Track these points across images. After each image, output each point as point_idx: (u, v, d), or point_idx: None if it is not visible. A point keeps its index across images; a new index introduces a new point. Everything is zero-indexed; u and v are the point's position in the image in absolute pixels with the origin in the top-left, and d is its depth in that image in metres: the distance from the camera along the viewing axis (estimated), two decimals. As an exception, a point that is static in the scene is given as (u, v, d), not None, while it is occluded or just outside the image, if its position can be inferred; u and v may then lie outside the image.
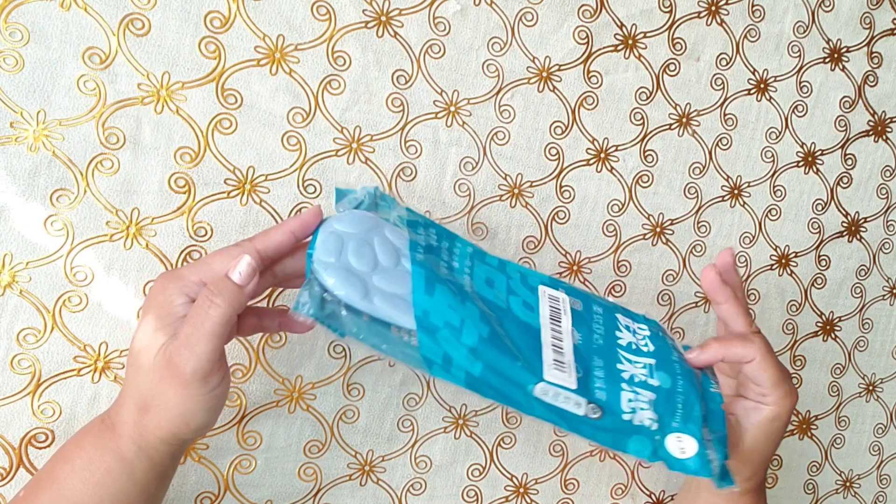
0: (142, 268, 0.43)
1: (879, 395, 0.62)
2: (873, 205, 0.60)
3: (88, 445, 0.35)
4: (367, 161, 0.46)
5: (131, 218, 0.42)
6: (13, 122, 0.40)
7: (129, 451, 0.35)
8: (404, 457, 0.50)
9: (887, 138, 0.59)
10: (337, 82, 0.45)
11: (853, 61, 0.57)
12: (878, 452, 0.63)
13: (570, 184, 0.51)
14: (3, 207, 0.40)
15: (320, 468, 0.48)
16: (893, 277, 0.61)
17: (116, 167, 0.42)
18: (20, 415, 0.41)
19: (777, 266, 0.57)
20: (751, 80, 0.55)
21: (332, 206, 0.46)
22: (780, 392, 0.41)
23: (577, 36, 0.50)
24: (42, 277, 0.41)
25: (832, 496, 0.62)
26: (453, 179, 0.49)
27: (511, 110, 0.49)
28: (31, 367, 0.41)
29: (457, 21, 0.47)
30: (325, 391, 0.47)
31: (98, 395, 0.42)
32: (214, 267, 0.35)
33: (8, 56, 0.40)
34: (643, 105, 0.52)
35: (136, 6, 0.41)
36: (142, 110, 0.42)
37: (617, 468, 0.55)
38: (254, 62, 0.44)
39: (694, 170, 0.54)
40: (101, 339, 0.42)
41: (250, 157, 0.44)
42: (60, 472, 0.35)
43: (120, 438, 0.35)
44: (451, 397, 0.50)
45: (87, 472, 0.34)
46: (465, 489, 0.52)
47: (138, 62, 0.42)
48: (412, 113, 0.47)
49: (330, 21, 0.45)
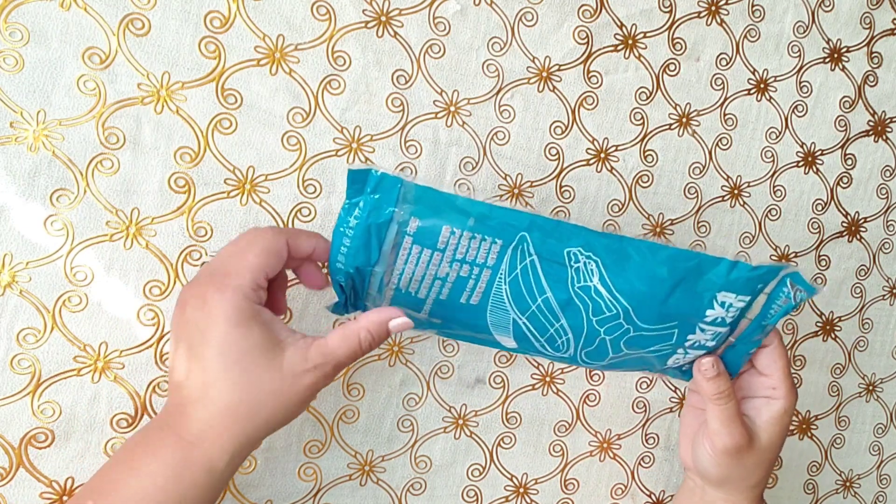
0: (142, 268, 0.43)
1: (879, 395, 0.62)
2: (873, 205, 0.60)
3: (170, 463, 0.34)
4: (367, 161, 0.46)
5: (131, 218, 0.42)
6: (13, 122, 0.40)
7: (222, 461, 0.34)
8: (404, 457, 0.50)
9: (887, 138, 0.59)
10: (337, 82, 0.45)
11: (853, 61, 0.57)
12: (878, 452, 0.63)
13: (570, 184, 0.51)
14: (3, 207, 0.40)
15: (320, 468, 0.48)
16: (893, 277, 0.61)
17: (116, 167, 0.42)
18: (20, 415, 0.41)
19: (777, 266, 0.58)
20: (751, 80, 0.55)
21: (332, 205, 0.46)
22: (789, 383, 0.42)
23: (577, 36, 0.50)
24: (42, 277, 0.41)
25: (832, 496, 0.62)
26: (453, 179, 0.49)
27: (511, 110, 0.49)
28: (31, 367, 0.41)
29: (457, 21, 0.47)
30: (325, 391, 0.47)
31: (98, 395, 0.42)
32: (264, 268, 0.35)
33: (8, 56, 0.40)
34: (643, 105, 0.52)
35: (136, 6, 0.41)
36: (142, 110, 0.42)
37: (617, 468, 0.55)
38: (254, 62, 0.44)
39: (694, 170, 0.54)
40: (101, 339, 0.42)
41: (250, 157, 0.44)
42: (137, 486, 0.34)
43: (211, 451, 0.34)
44: (452, 397, 0.50)
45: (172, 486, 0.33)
46: (465, 489, 0.52)
47: (138, 62, 0.42)
48: (412, 113, 0.47)
49: (330, 21, 0.45)
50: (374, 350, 0.39)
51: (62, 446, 0.42)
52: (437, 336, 0.49)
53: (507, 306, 0.40)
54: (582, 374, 0.53)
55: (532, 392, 0.52)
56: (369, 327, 0.37)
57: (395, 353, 0.49)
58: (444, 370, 0.50)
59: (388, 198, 0.36)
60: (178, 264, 0.43)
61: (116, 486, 0.34)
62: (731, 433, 0.42)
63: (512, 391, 0.52)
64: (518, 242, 0.38)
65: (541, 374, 0.52)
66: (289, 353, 0.35)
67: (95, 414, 0.42)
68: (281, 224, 0.45)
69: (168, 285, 0.43)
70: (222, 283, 0.34)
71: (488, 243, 0.37)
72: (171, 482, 0.33)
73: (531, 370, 0.52)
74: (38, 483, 0.42)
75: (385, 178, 0.35)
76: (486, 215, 0.37)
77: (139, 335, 0.43)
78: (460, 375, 0.50)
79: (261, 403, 0.34)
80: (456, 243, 0.37)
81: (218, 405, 0.34)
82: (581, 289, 0.39)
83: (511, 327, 0.41)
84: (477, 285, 0.39)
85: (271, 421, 0.35)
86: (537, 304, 0.39)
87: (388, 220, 0.36)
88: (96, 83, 0.41)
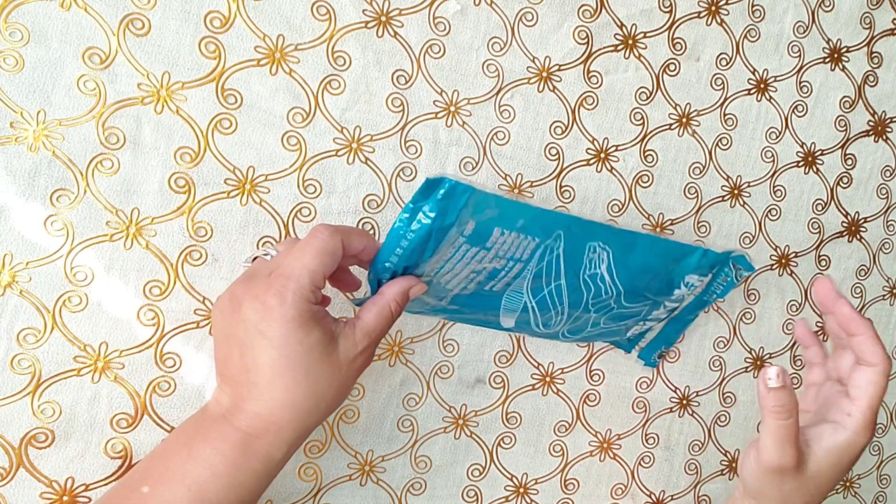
0: (142, 268, 0.43)
1: (879, 395, 0.62)
2: (873, 205, 0.60)
3: (230, 455, 0.35)
4: (367, 161, 0.46)
5: (131, 218, 0.42)
6: (13, 122, 0.40)
7: (280, 451, 0.36)
8: (404, 457, 0.50)
9: (887, 138, 0.59)
10: (337, 82, 0.45)
11: (853, 61, 0.57)
12: (878, 452, 0.63)
13: (570, 184, 0.51)
14: (3, 207, 0.40)
15: (320, 468, 0.48)
16: (893, 277, 0.61)
17: (116, 167, 0.42)
18: (20, 415, 0.41)
19: (777, 266, 0.57)
20: (751, 80, 0.55)
21: (332, 205, 0.46)
22: (868, 417, 0.39)
23: (577, 36, 0.50)
24: (42, 277, 0.41)
25: (832, 496, 0.62)
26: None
27: (511, 110, 0.49)
28: (31, 367, 0.41)
29: (457, 21, 0.47)
30: (325, 391, 0.47)
31: (98, 394, 0.42)
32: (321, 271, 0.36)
33: (8, 56, 0.40)
34: (643, 105, 0.52)
35: (136, 6, 0.41)
36: (142, 110, 0.42)
37: (617, 468, 0.55)
38: (254, 62, 0.44)
39: (694, 170, 0.54)
40: (101, 339, 0.42)
41: (250, 157, 0.44)
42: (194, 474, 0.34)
43: (273, 444, 0.35)
44: (452, 397, 0.50)
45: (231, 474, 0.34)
46: (465, 489, 0.52)
47: (138, 62, 0.42)
48: (412, 113, 0.47)
49: (330, 21, 0.45)
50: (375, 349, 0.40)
51: (62, 446, 0.42)
52: (439, 332, 0.49)
53: (523, 292, 0.42)
54: (582, 373, 0.53)
55: (532, 392, 0.52)
56: (396, 298, 0.38)
57: (395, 353, 0.49)
58: (444, 370, 0.50)
59: (455, 204, 0.36)
60: (179, 264, 0.43)
61: (173, 472, 0.35)
62: (780, 452, 0.39)
63: (512, 391, 0.52)
64: (553, 240, 0.41)
65: (541, 374, 0.52)
66: (342, 344, 0.36)
67: (95, 414, 0.42)
68: (281, 224, 0.45)
69: (168, 285, 0.43)
70: (283, 287, 0.34)
71: (528, 241, 0.40)
72: (231, 470, 0.34)
73: (531, 370, 0.52)
74: (38, 483, 0.42)
75: (457, 186, 0.36)
76: (535, 217, 0.40)
77: (139, 335, 0.43)
78: (460, 375, 0.50)
79: (322, 396, 0.36)
80: (503, 242, 0.39)
81: (282, 401, 0.35)
82: (590, 276, 0.43)
83: (519, 310, 0.43)
84: (506, 276, 0.41)
85: (329, 409, 0.37)
86: (549, 289, 0.43)
87: (451, 225, 0.37)
88: (96, 83, 0.41)
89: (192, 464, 0.35)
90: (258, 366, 0.35)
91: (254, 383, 0.35)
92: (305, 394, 0.35)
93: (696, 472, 0.57)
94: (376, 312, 0.37)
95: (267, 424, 0.35)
